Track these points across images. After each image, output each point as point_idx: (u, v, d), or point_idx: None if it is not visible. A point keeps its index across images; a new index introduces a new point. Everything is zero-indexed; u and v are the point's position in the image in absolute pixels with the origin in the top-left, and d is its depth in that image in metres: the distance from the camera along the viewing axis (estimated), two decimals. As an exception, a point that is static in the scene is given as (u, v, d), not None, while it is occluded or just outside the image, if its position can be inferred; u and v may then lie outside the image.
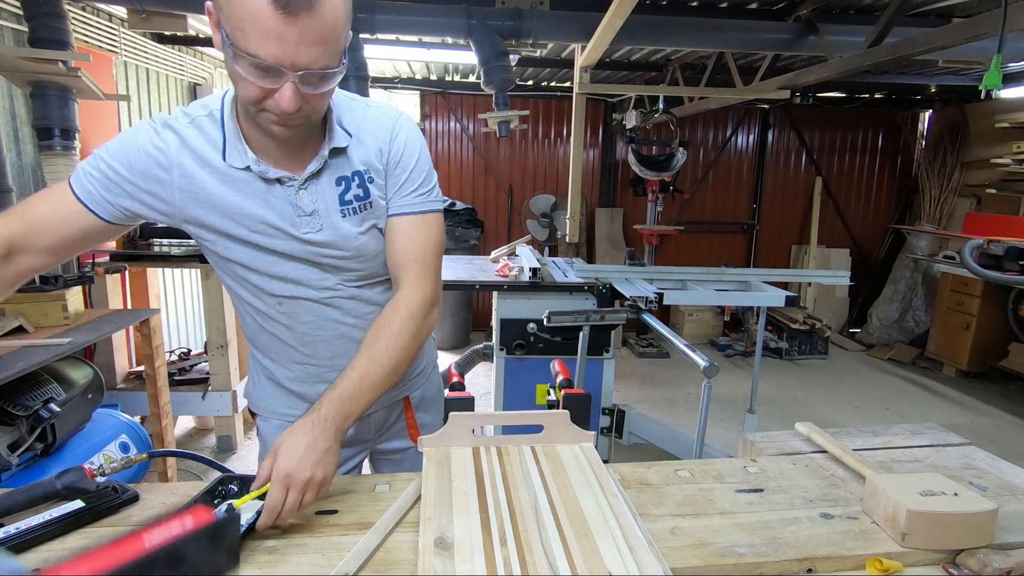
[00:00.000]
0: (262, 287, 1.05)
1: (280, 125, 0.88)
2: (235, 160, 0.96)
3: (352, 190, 1.01)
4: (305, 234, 1.00)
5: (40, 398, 1.93)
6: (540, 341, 2.87)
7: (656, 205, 4.78)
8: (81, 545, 0.81)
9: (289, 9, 0.76)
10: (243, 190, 0.97)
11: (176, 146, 0.95)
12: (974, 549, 0.82)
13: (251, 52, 0.78)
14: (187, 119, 0.97)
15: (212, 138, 0.96)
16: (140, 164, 0.95)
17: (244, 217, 0.98)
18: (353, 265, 1.07)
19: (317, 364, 1.13)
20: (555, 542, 0.77)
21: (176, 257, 3.23)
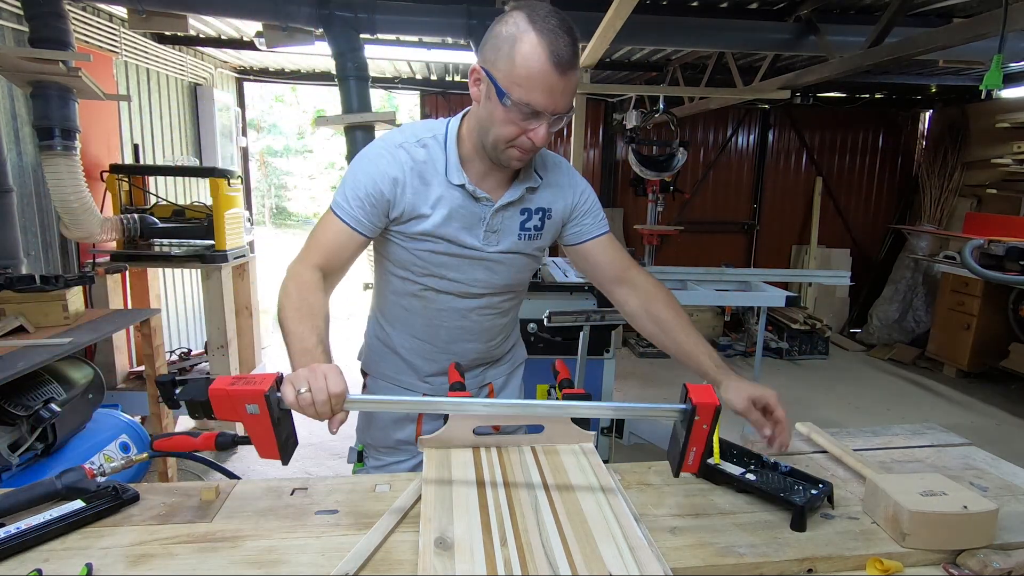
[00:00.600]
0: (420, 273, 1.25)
1: (521, 158, 1.13)
2: (454, 178, 1.18)
3: (532, 220, 1.26)
4: (485, 245, 1.23)
5: (41, 398, 1.93)
6: (540, 341, 2.87)
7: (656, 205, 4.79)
8: (81, 545, 0.81)
9: (561, 70, 1.01)
10: (451, 202, 1.19)
11: (409, 166, 1.18)
12: (975, 549, 0.82)
13: (526, 101, 1.02)
14: (415, 140, 1.20)
15: (435, 157, 1.20)
16: (386, 186, 1.17)
17: (445, 224, 1.20)
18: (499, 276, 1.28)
19: (433, 344, 1.33)
20: (555, 542, 0.77)
21: (176, 257, 3.23)
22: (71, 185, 2.59)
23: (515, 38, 1.02)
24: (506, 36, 1.03)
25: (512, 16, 1.04)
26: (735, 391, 1.04)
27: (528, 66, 1.00)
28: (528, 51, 1.00)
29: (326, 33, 3.01)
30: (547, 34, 1.00)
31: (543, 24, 1.01)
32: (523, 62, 1.01)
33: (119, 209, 3.14)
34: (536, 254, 1.32)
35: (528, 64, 1.00)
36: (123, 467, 0.97)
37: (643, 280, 1.29)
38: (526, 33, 1.01)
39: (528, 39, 1.00)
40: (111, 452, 2.19)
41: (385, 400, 1.19)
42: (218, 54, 4.82)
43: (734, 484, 0.99)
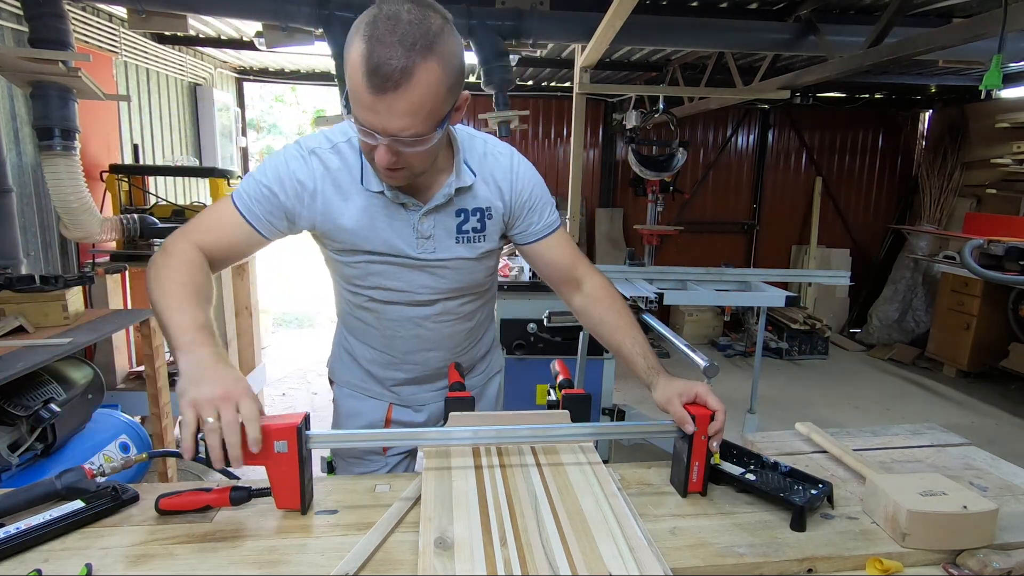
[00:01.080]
0: (363, 285, 1.19)
1: (386, 177, 1.03)
2: (372, 185, 1.09)
3: (470, 222, 1.16)
4: (420, 254, 1.15)
5: (40, 398, 1.93)
6: (540, 341, 2.87)
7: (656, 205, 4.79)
8: (81, 545, 0.81)
9: (378, 89, 0.86)
10: (372, 211, 1.10)
11: (320, 173, 1.09)
12: (974, 549, 0.82)
13: (354, 115, 0.93)
14: (329, 145, 1.10)
15: (350, 164, 1.10)
16: (291, 189, 1.08)
17: (370, 234, 1.12)
18: (445, 282, 1.20)
19: (391, 355, 1.28)
20: (555, 542, 0.77)
21: (176, 257, 3.23)
22: (71, 185, 2.59)
23: (349, 40, 0.89)
24: (348, 36, 0.90)
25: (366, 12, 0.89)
26: (662, 389, 1.02)
27: (351, 77, 0.88)
28: (351, 59, 0.87)
29: (326, 33, 3.00)
30: (372, 40, 0.85)
31: (377, 29, 0.85)
32: (349, 71, 0.88)
33: (119, 209, 3.14)
34: (482, 257, 1.22)
35: (351, 75, 0.88)
36: (123, 467, 0.97)
37: (590, 280, 1.22)
38: (356, 35, 0.87)
39: (355, 44, 0.87)
40: (111, 452, 2.19)
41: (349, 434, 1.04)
42: (218, 54, 4.82)
43: (734, 484, 0.99)
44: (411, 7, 0.87)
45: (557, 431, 1.03)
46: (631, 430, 0.99)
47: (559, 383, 1.22)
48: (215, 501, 0.88)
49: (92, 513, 0.86)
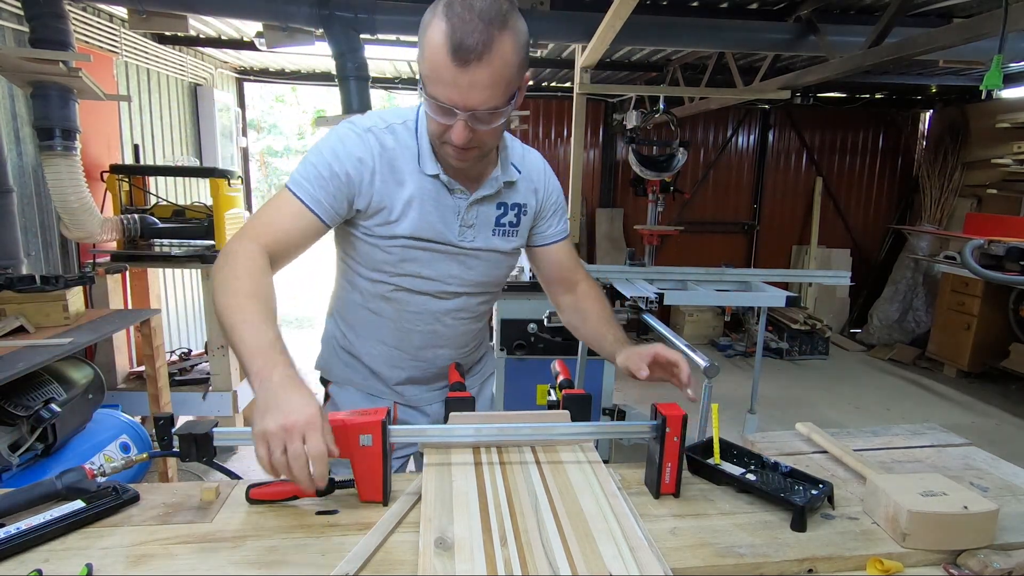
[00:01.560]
0: (392, 272, 1.17)
1: (457, 158, 1.04)
2: (427, 168, 1.10)
3: (508, 216, 1.21)
4: (460, 240, 1.17)
5: (41, 398, 1.93)
6: (540, 341, 2.87)
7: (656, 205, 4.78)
8: (81, 545, 0.81)
9: (461, 61, 0.90)
10: (423, 194, 1.11)
11: (378, 152, 1.09)
12: (975, 549, 0.82)
13: (432, 95, 0.94)
14: (384, 124, 1.10)
15: (408, 145, 1.11)
16: (352, 168, 1.07)
17: (419, 217, 1.12)
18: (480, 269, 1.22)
19: (402, 350, 1.26)
20: (555, 542, 0.77)
21: (176, 257, 3.23)
22: (71, 185, 2.59)
23: (427, 24, 0.93)
24: (424, 21, 0.94)
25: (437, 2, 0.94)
26: (625, 354, 1.12)
27: (431, 57, 0.92)
28: (432, 39, 0.91)
29: (326, 33, 3.01)
30: (453, 18, 0.89)
31: (455, 4, 0.90)
32: (429, 52, 0.92)
33: (119, 209, 3.14)
34: (512, 253, 1.27)
35: (431, 55, 0.92)
36: (123, 467, 0.97)
37: (585, 283, 1.33)
38: (435, 18, 0.92)
39: (435, 25, 0.91)
40: (111, 452, 2.19)
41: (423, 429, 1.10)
42: (218, 54, 4.82)
43: (734, 484, 0.99)
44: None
45: (557, 431, 1.03)
46: (631, 430, 0.99)
47: (559, 383, 1.22)
48: (302, 492, 0.91)
49: (92, 513, 0.86)
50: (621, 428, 1.07)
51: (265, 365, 0.83)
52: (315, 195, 1.05)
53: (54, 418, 1.90)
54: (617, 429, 1.03)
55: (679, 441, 0.93)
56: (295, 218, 1.05)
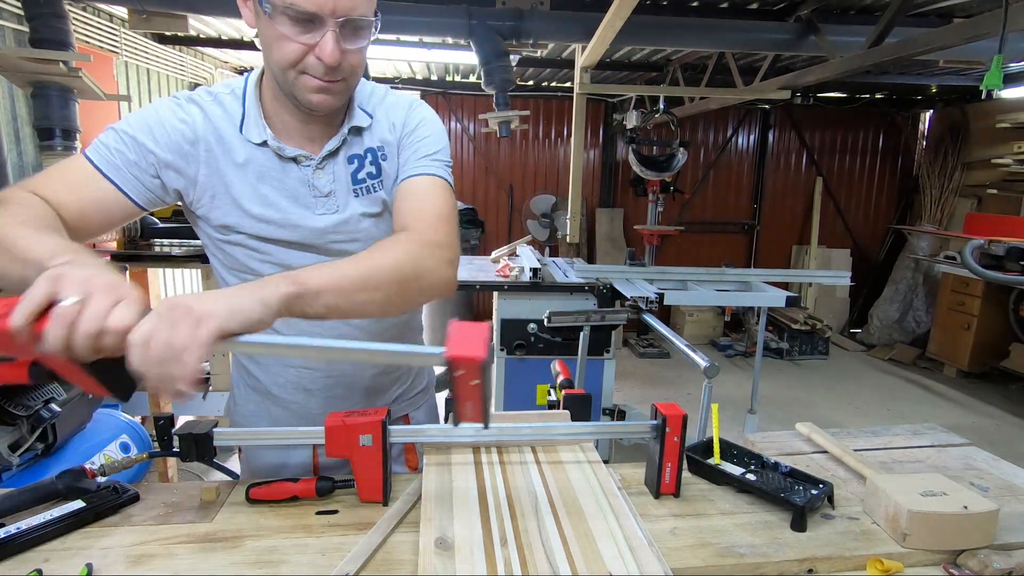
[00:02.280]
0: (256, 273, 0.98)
1: (322, 92, 0.86)
2: (252, 135, 0.93)
3: (365, 168, 0.99)
4: (320, 215, 0.97)
5: (41, 398, 1.93)
6: (540, 341, 2.87)
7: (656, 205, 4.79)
8: (81, 545, 0.81)
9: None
10: (258, 170, 0.94)
11: (201, 120, 0.93)
12: (975, 549, 0.82)
13: (290, 2, 0.77)
14: (210, 97, 0.95)
15: (232, 112, 0.94)
16: (165, 137, 0.90)
17: (257, 197, 0.94)
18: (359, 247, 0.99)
19: (311, 368, 1.08)
20: (555, 542, 0.77)
21: (176, 257, 3.23)
22: (71, 185, 2.59)
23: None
24: None
25: None
26: None
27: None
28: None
29: (326, 33, 3.01)
30: None
31: None
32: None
33: (119, 209, 3.14)
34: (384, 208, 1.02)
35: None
36: (123, 467, 0.97)
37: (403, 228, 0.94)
38: None
39: None
40: (111, 452, 2.19)
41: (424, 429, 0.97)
42: (218, 54, 4.83)
43: (734, 484, 0.99)
44: None
45: (557, 431, 1.03)
46: (631, 430, 0.99)
47: (559, 383, 1.22)
48: (302, 492, 0.91)
49: (92, 513, 0.86)
50: (621, 428, 1.07)
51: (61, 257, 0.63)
52: (113, 161, 0.87)
53: (54, 418, 1.90)
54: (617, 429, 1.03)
55: (679, 441, 0.93)
56: (86, 183, 0.86)
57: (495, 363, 2.97)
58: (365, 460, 0.89)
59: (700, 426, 2.07)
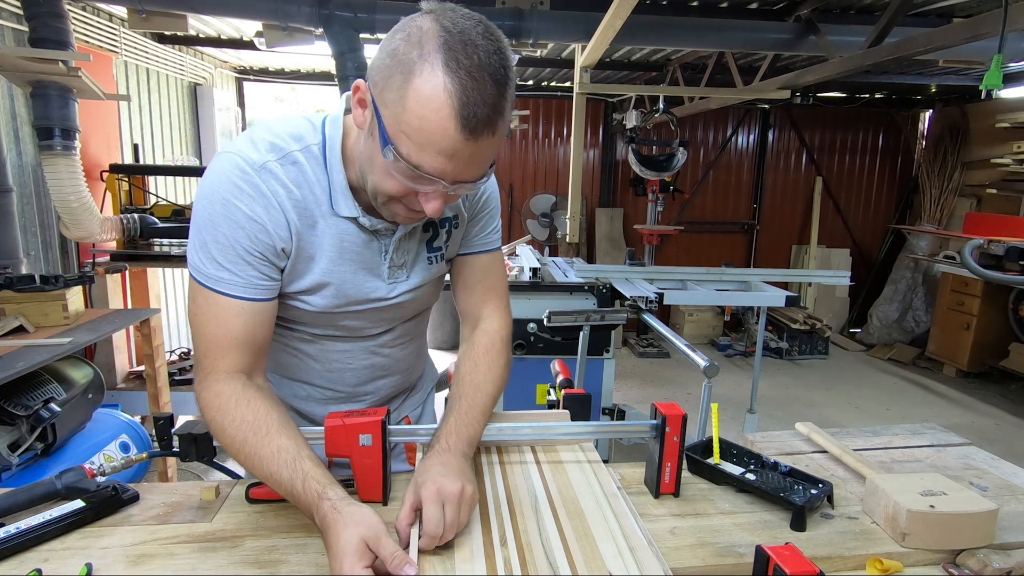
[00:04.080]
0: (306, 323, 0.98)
1: (410, 218, 0.86)
2: (342, 209, 0.88)
3: (440, 237, 1.00)
4: (390, 284, 0.96)
5: (40, 398, 1.93)
6: (540, 341, 2.87)
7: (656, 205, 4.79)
8: (81, 545, 0.81)
9: (470, 133, 0.70)
10: (340, 242, 0.90)
11: (283, 195, 0.85)
12: (974, 549, 0.82)
13: (415, 162, 0.73)
14: (279, 153, 0.85)
15: (313, 180, 0.87)
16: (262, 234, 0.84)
17: (341, 275, 0.92)
18: (409, 309, 1.04)
19: (336, 390, 1.08)
20: (555, 542, 0.77)
21: (176, 257, 3.23)
22: (71, 185, 2.59)
23: (414, 68, 0.69)
24: (403, 58, 0.70)
25: (423, 25, 0.71)
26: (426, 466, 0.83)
27: (424, 115, 0.70)
28: (428, 96, 0.69)
29: (326, 33, 3.00)
30: (461, 76, 0.68)
31: (462, 57, 0.68)
32: (417, 108, 0.70)
33: (119, 209, 3.14)
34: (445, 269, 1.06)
35: (424, 114, 0.69)
36: (123, 467, 0.97)
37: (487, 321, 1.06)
38: (430, 65, 0.69)
39: (432, 78, 0.68)
40: (111, 452, 2.19)
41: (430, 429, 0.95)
42: (218, 54, 4.82)
43: (734, 484, 0.99)
44: (475, 21, 0.72)
45: (557, 431, 1.03)
46: (631, 430, 0.99)
47: (559, 383, 1.22)
48: None
49: (92, 513, 0.86)
50: (621, 428, 1.07)
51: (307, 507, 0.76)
52: (242, 281, 0.84)
53: (54, 418, 1.90)
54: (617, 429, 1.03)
55: (679, 441, 0.93)
56: (238, 317, 0.84)
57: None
58: (365, 460, 0.89)
59: (700, 426, 2.07)
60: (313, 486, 0.75)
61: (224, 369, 0.85)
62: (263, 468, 0.79)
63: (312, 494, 0.75)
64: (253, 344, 0.87)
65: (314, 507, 0.74)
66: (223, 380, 0.84)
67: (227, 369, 0.85)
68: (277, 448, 0.79)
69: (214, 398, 0.83)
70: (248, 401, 0.83)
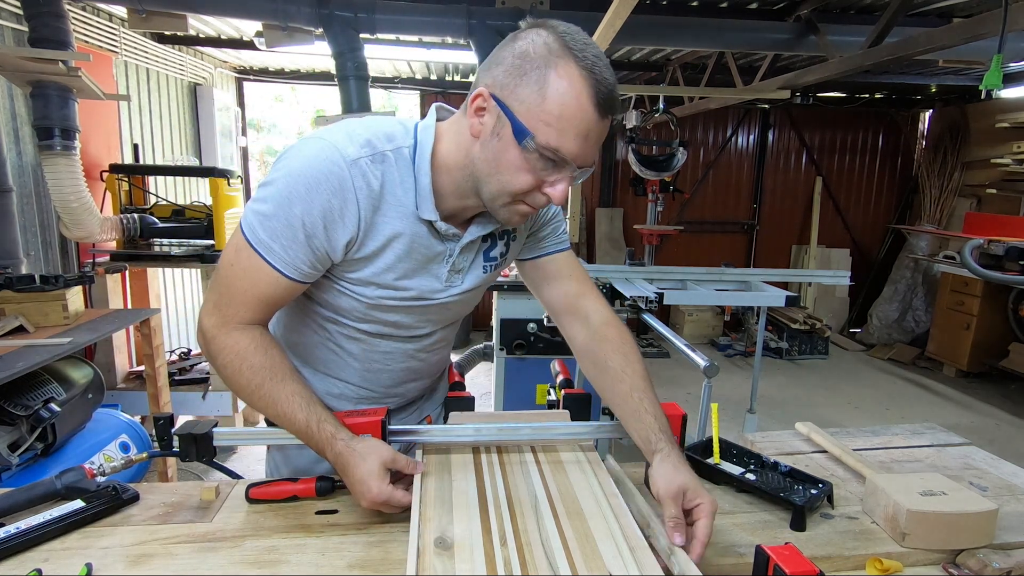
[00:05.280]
0: (358, 318, 1.01)
1: (527, 216, 0.92)
2: (426, 212, 0.92)
3: (498, 247, 1.05)
4: (448, 287, 1.01)
5: (40, 398, 1.93)
6: (540, 341, 2.87)
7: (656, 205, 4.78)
8: (81, 545, 0.81)
9: (607, 111, 0.81)
10: (410, 241, 0.94)
11: (365, 193, 0.88)
12: (974, 549, 0.82)
13: (554, 146, 0.81)
14: (370, 151, 0.88)
15: (397, 180, 0.91)
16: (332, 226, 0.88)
17: (406, 271, 0.96)
18: (453, 312, 1.09)
19: (371, 389, 1.10)
20: (555, 542, 0.77)
21: (176, 257, 3.23)
22: (71, 185, 2.59)
23: (548, 64, 0.80)
24: (535, 58, 0.80)
25: (539, 35, 0.82)
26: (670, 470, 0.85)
27: (564, 102, 0.79)
28: (567, 84, 0.79)
29: (326, 33, 3.00)
30: (590, 66, 0.80)
31: (584, 52, 0.80)
32: (558, 97, 0.79)
33: (119, 209, 3.14)
34: (495, 278, 1.11)
35: (565, 100, 0.79)
36: (123, 467, 0.97)
37: (597, 313, 1.07)
38: (563, 60, 0.79)
39: (567, 69, 0.79)
40: (111, 452, 2.19)
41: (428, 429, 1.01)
42: (218, 54, 4.82)
43: (734, 484, 0.99)
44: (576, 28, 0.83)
45: (557, 431, 1.03)
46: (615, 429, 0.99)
47: (559, 383, 1.22)
48: (302, 492, 0.92)
49: (92, 513, 0.86)
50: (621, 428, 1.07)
51: (320, 447, 0.88)
52: (291, 261, 0.88)
53: (53, 418, 1.90)
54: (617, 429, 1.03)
55: (679, 440, 0.93)
56: (270, 286, 0.89)
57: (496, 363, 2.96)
58: None
59: (700, 426, 2.07)
60: (328, 428, 0.87)
61: (246, 320, 0.92)
62: (277, 409, 0.88)
63: (326, 434, 0.87)
64: (273, 308, 0.95)
65: (327, 445, 0.87)
66: (243, 329, 0.91)
67: (248, 320, 0.92)
68: (292, 392, 0.89)
69: (234, 344, 0.90)
70: (266, 349, 0.91)
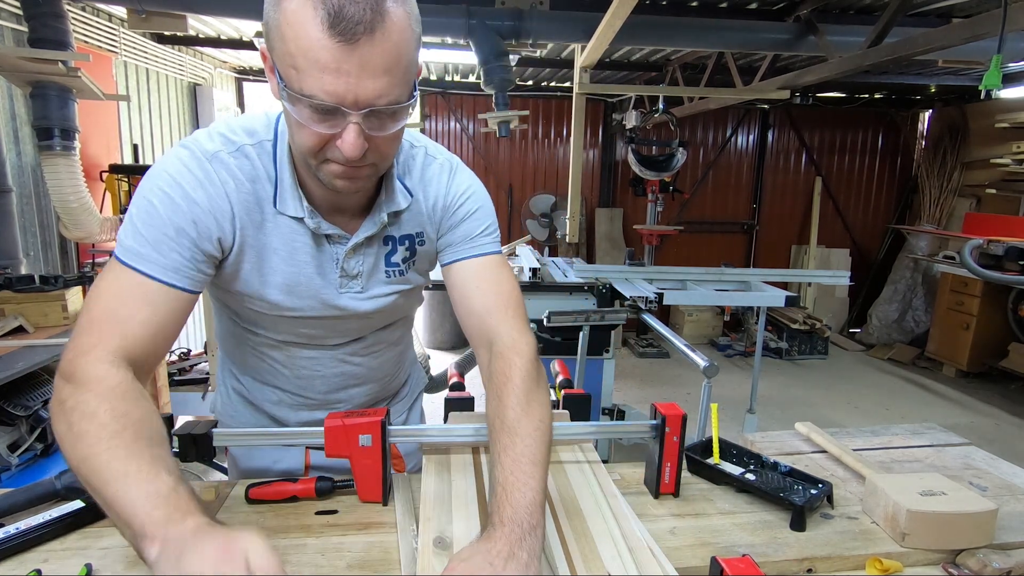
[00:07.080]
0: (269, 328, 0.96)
1: (345, 178, 0.76)
2: (288, 208, 0.83)
3: (399, 252, 0.93)
4: (343, 294, 0.91)
5: (40, 398, 1.93)
6: (540, 341, 2.86)
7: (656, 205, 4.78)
8: (81, 545, 0.81)
9: (346, 35, 0.63)
10: (290, 246, 0.86)
11: (232, 186, 0.81)
12: (974, 549, 0.82)
13: (307, 92, 0.66)
14: (231, 147, 0.81)
15: (262, 174, 0.83)
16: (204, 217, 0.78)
17: (293, 278, 0.88)
18: (376, 321, 1.01)
19: (306, 396, 1.05)
20: (554, 542, 0.77)
21: (176, 257, 3.23)
22: (70, 185, 2.59)
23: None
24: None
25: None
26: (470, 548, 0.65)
27: (296, 36, 0.64)
28: (295, 11, 0.64)
29: (326, 33, 3.00)
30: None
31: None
32: (291, 31, 0.65)
33: (118, 209, 3.14)
34: (414, 285, 0.99)
35: (296, 33, 0.64)
36: (123, 467, 0.97)
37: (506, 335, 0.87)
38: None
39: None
40: (111, 452, 2.19)
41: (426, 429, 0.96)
42: (217, 54, 4.82)
43: (734, 484, 0.99)
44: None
45: (557, 430, 1.02)
46: (631, 430, 0.99)
47: (559, 383, 1.22)
48: (301, 492, 0.91)
49: (92, 513, 0.86)
50: (621, 428, 1.07)
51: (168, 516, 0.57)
52: (165, 263, 0.76)
53: (53, 418, 1.90)
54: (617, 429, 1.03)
55: (678, 441, 0.93)
56: (148, 300, 0.74)
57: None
58: (365, 460, 0.89)
59: (699, 426, 2.07)
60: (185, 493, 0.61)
61: (112, 349, 0.71)
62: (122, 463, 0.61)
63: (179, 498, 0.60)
64: (150, 339, 0.74)
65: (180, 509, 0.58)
66: (109, 362, 0.69)
67: (115, 350, 0.71)
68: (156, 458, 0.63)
69: (94, 381, 0.67)
70: (136, 399, 0.68)
